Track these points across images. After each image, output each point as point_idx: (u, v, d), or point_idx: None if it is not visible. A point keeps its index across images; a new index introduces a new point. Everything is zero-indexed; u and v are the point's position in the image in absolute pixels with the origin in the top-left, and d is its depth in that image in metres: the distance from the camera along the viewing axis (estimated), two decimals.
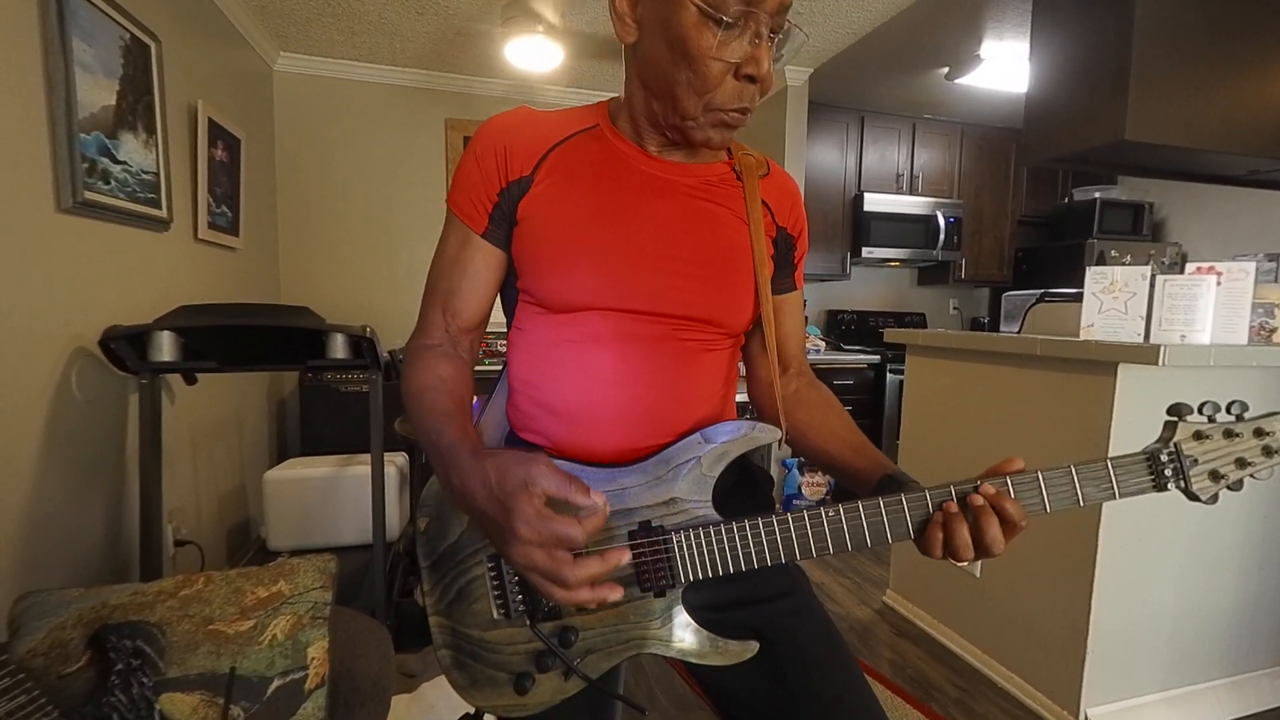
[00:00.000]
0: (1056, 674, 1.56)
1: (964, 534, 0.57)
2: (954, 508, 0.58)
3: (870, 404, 3.37)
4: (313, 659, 0.86)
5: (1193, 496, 0.59)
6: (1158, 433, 0.61)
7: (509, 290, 0.72)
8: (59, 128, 1.37)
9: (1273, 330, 1.57)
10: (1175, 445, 0.58)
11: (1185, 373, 1.45)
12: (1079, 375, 1.49)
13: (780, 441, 0.71)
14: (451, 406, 0.64)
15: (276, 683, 0.82)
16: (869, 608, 2.19)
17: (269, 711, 0.80)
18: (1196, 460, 0.58)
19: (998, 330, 3.57)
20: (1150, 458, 0.59)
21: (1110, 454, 1.39)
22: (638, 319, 0.67)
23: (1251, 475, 0.58)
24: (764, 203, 0.74)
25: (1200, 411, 0.59)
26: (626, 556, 0.56)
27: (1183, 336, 1.42)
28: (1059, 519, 1.53)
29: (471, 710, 0.70)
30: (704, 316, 0.69)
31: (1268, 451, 0.58)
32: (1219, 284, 1.45)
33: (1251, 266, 1.46)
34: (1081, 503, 0.58)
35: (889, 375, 3.31)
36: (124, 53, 1.61)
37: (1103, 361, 1.42)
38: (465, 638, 0.66)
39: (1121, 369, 1.39)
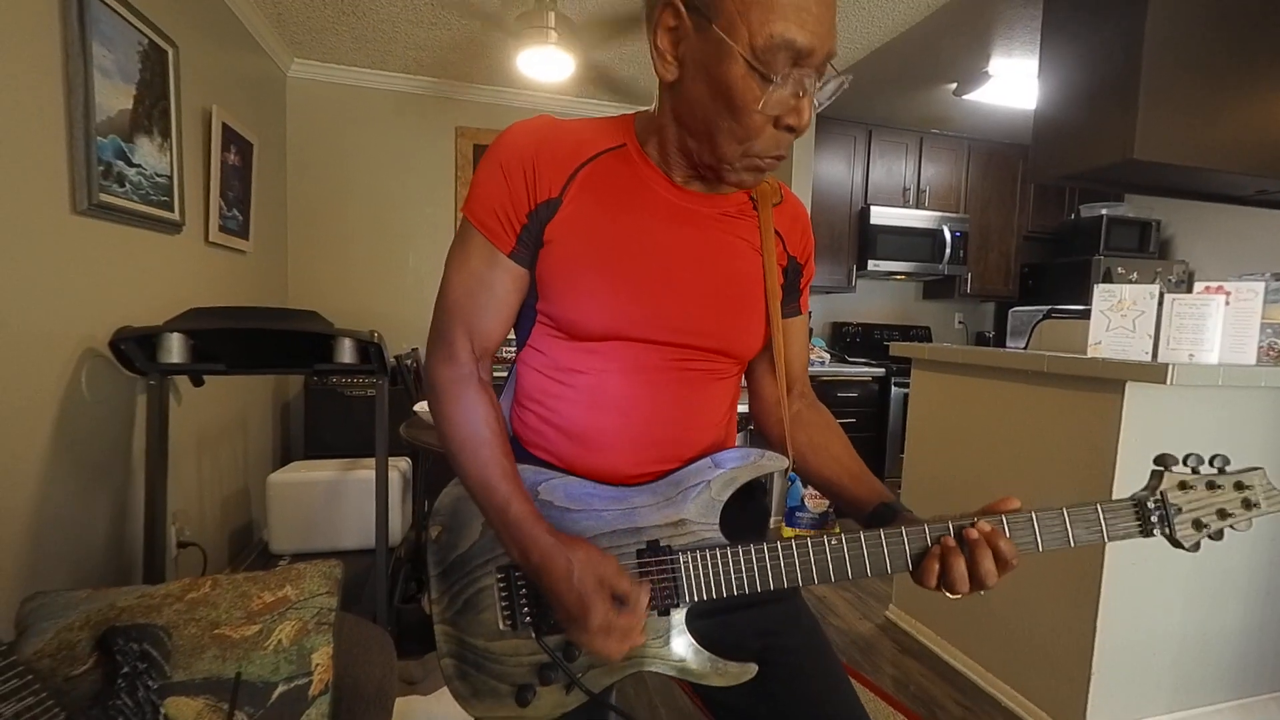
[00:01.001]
0: (1061, 694, 1.54)
1: (960, 568, 0.59)
2: (951, 542, 0.60)
3: (874, 417, 3.36)
4: (317, 665, 0.86)
5: (1176, 543, 0.62)
6: (1163, 453, 0.63)
7: (525, 310, 0.71)
8: (77, 131, 1.39)
9: None
10: (1161, 494, 0.62)
11: (1193, 392, 1.45)
12: (1086, 393, 1.49)
13: (787, 470, 0.72)
14: (509, 466, 0.64)
15: (281, 688, 0.82)
16: (871, 623, 2.18)
17: (273, 717, 0.80)
18: (1181, 509, 0.61)
19: (1003, 345, 3.57)
20: (1138, 505, 0.62)
21: (1116, 473, 1.39)
22: (655, 349, 0.68)
23: (1231, 526, 0.61)
24: (777, 232, 0.75)
25: (1185, 463, 0.62)
26: (646, 600, 0.61)
27: (1191, 356, 1.42)
28: None
29: None
30: (718, 347, 0.70)
31: (1247, 504, 0.61)
32: (1227, 304, 1.45)
33: (1260, 286, 1.46)
34: (1072, 543, 0.61)
35: (894, 388, 3.30)
36: (142, 58, 1.63)
37: (1110, 379, 1.42)
38: (470, 647, 0.67)
39: (1129, 387, 1.39)
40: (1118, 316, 1.53)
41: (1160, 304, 1.46)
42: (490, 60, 2.83)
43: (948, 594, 0.60)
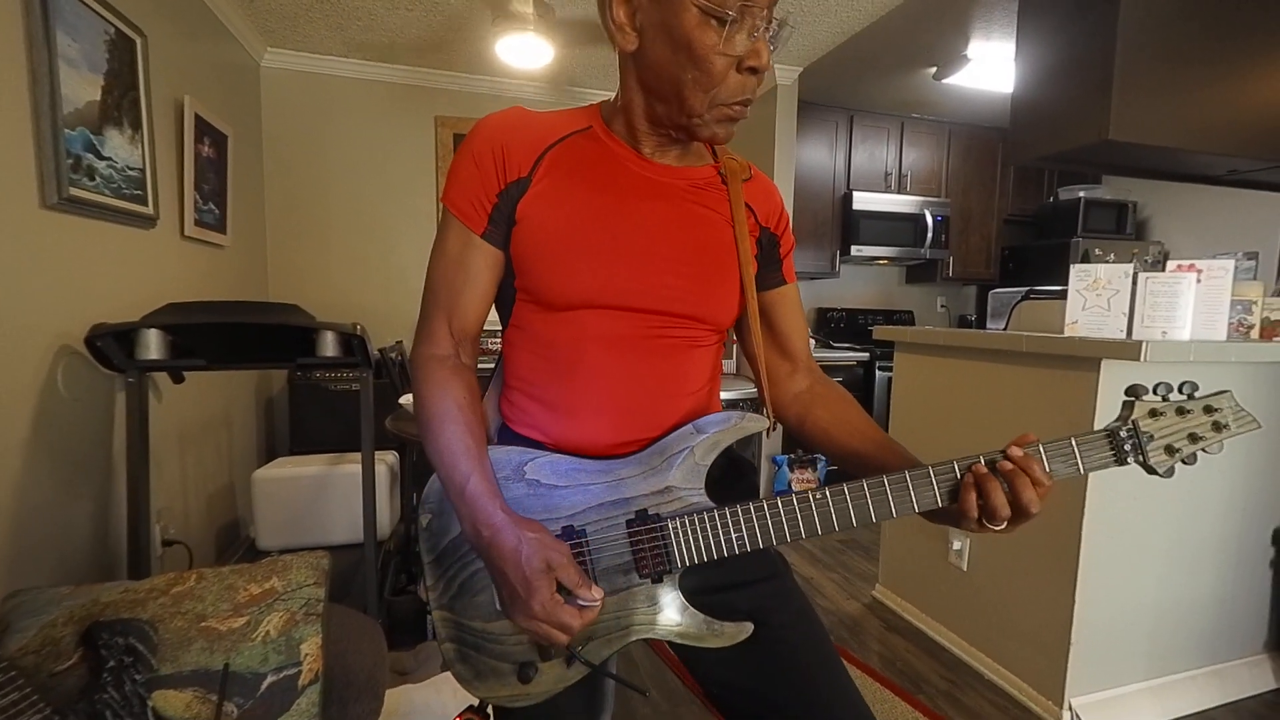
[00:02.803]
0: (1042, 666, 1.58)
1: (999, 494, 0.59)
2: (983, 469, 0.60)
3: (860, 400, 3.36)
4: (306, 655, 0.86)
5: (1150, 470, 0.62)
6: (1133, 383, 0.64)
7: (505, 290, 0.73)
8: (44, 123, 1.35)
9: (1250, 327, 1.60)
10: (1133, 423, 0.62)
11: (1166, 368, 1.48)
12: (1063, 371, 1.52)
13: (768, 431, 0.73)
14: (473, 444, 0.65)
15: (270, 678, 0.82)
16: (858, 602, 2.22)
17: (263, 707, 0.80)
18: (1153, 436, 0.62)
19: (984, 327, 3.61)
20: (1111, 435, 0.62)
21: None
22: (633, 316, 0.69)
23: (1203, 449, 0.62)
24: (747, 205, 0.77)
25: (1155, 391, 0.63)
26: (599, 597, 0.61)
27: (1164, 333, 1.45)
28: (1042, 512, 1.55)
29: (475, 702, 0.71)
30: (693, 314, 0.71)
31: (1217, 427, 0.61)
32: (1199, 281, 1.48)
33: (1230, 264, 1.49)
34: (1051, 477, 0.61)
35: (878, 372, 3.34)
36: (109, 47, 1.59)
37: (1086, 357, 1.45)
38: (469, 630, 0.67)
39: (1104, 364, 1.42)
40: (1093, 296, 1.55)
41: (1134, 283, 1.49)
42: (469, 48, 2.80)
43: (990, 526, 0.60)
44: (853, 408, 0.80)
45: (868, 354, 3.36)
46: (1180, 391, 0.63)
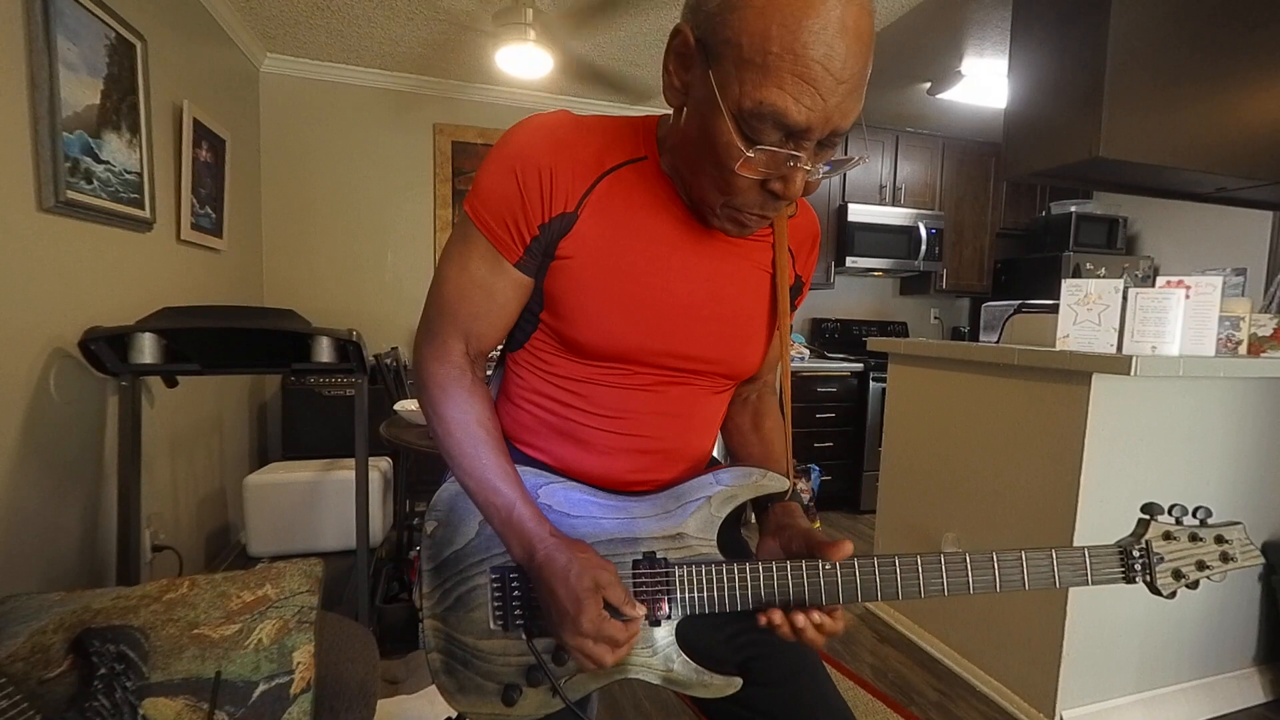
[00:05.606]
0: (1033, 677, 1.59)
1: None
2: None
3: (853, 411, 3.41)
4: (299, 663, 0.85)
5: (1155, 591, 0.65)
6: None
7: (526, 313, 0.69)
8: (42, 126, 1.35)
9: (1239, 342, 1.63)
10: (1146, 542, 0.64)
11: (1156, 383, 1.50)
12: (1055, 384, 1.53)
13: (789, 493, 0.72)
14: (509, 468, 0.65)
15: (262, 687, 0.81)
16: (851, 613, 2.22)
17: (254, 716, 0.79)
18: (1163, 558, 0.64)
19: (977, 339, 3.63)
20: (1124, 552, 0.64)
21: (1084, 462, 1.43)
22: (659, 370, 0.68)
23: (1208, 577, 0.64)
24: (790, 250, 0.74)
25: (1170, 513, 0.65)
26: (642, 613, 0.61)
27: (1153, 348, 1.47)
28: (1034, 525, 1.56)
29: (454, 715, 0.70)
30: (720, 371, 0.71)
31: (1224, 558, 0.64)
32: (1188, 297, 1.50)
33: (1219, 280, 1.51)
34: (1057, 585, 0.63)
35: (872, 383, 3.35)
36: (109, 51, 1.60)
37: (1077, 371, 1.46)
38: (459, 644, 0.67)
39: (1095, 378, 1.43)
40: (1084, 310, 1.57)
41: (1124, 298, 1.51)
42: (468, 57, 2.81)
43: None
44: (771, 433, 0.81)
45: (862, 364, 3.38)
46: (1194, 516, 0.65)
